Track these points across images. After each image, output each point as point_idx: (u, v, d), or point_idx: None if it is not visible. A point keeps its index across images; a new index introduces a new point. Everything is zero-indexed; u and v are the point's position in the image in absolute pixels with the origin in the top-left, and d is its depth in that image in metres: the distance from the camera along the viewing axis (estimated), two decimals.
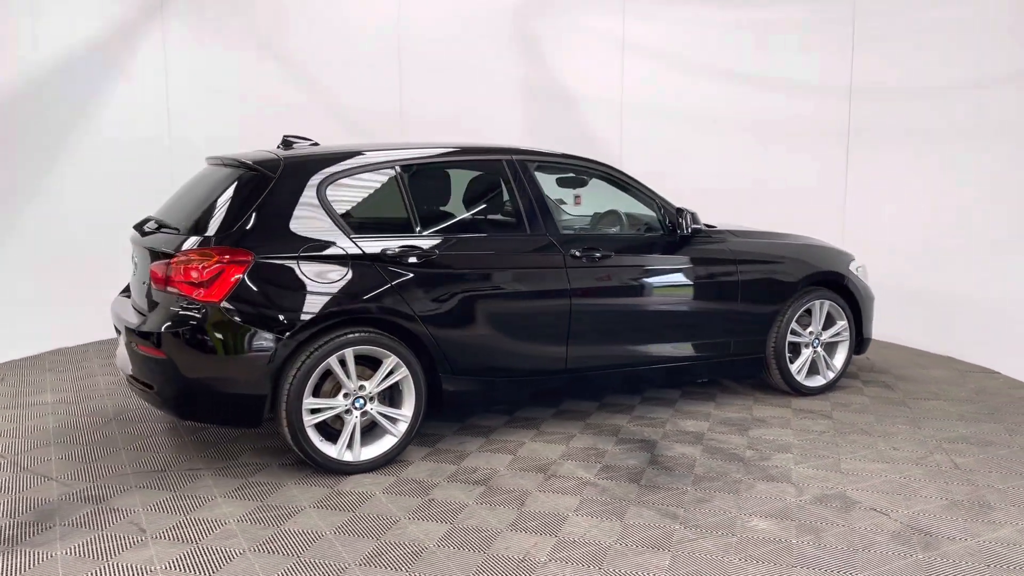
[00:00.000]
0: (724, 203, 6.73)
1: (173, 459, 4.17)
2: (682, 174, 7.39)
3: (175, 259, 3.77)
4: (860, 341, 5.44)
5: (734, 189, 7.47)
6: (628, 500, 3.66)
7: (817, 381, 5.31)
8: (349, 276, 3.91)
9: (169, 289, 3.79)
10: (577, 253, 4.46)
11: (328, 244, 3.93)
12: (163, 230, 4.15)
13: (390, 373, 3.99)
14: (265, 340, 3.73)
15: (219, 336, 3.70)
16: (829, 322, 5.33)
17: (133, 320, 4.03)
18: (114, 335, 4.45)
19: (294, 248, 3.86)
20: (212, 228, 3.84)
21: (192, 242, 3.82)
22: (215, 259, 3.71)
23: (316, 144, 4.60)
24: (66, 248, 6.54)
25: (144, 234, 4.29)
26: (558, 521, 3.46)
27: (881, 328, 6.03)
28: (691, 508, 3.58)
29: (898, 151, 6.61)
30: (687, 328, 4.87)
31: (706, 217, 5.09)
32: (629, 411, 4.94)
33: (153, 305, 3.91)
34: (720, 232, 5.06)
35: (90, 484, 3.85)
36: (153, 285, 3.91)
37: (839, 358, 5.39)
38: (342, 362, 3.87)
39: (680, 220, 4.82)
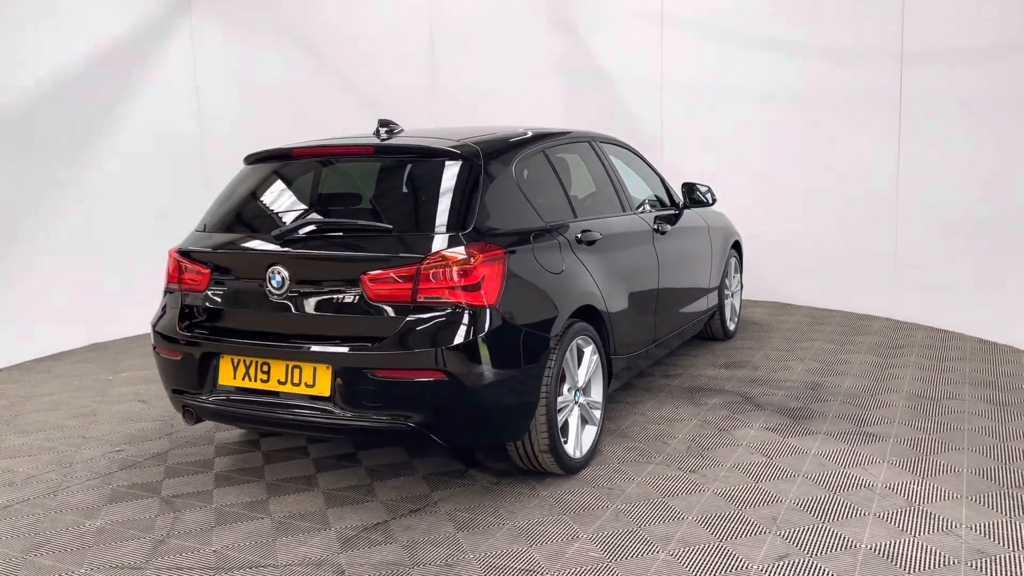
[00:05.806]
0: (774, 181, 6.80)
1: (372, 505, 3.46)
2: (728, 152, 7.33)
3: (429, 262, 3.19)
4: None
5: (783, 163, 7.30)
6: (820, 432, 4.19)
7: (733, 325, 6.33)
8: (566, 264, 3.71)
9: (423, 298, 3.19)
10: (656, 227, 4.75)
11: (544, 232, 3.69)
12: (336, 235, 3.41)
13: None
14: (538, 340, 3.41)
15: (504, 343, 3.28)
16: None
17: (313, 346, 3.30)
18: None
19: (524, 238, 3.55)
20: (444, 224, 3.32)
21: (440, 241, 3.26)
22: (479, 257, 3.25)
23: (403, 129, 4.08)
24: (96, 245, 6.71)
25: (287, 242, 3.42)
26: (839, 460, 3.82)
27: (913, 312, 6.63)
28: (865, 426, 4.26)
29: (953, 120, 6.35)
30: (700, 289, 5.47)
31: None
32: (647, 375, 5.33)
33: (379, 323, 3.23)
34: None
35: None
36: (371, 297, 3.22)
37: (736, 304, 6.48)
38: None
39: (696, 194, 5.35)
